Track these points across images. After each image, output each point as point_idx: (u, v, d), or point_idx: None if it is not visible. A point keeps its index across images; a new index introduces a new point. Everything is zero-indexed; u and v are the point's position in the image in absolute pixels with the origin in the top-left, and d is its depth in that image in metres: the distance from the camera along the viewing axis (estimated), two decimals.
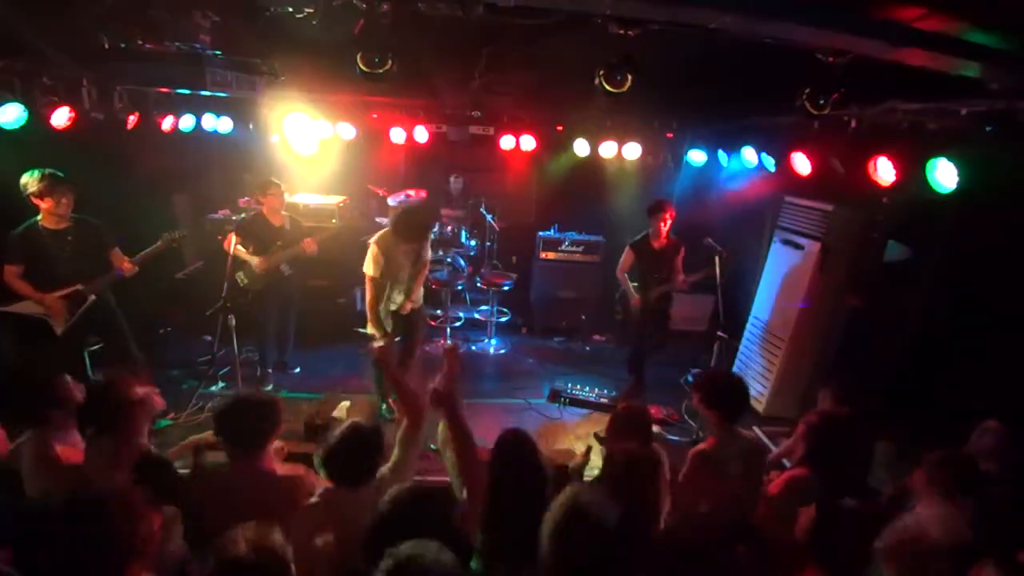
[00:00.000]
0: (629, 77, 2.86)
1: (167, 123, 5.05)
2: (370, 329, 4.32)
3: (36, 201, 3.71)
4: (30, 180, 3.66)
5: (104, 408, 2.41)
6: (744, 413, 2.85)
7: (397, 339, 4.50)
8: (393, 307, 4.40)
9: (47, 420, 2.42)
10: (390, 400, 4.75)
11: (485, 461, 2.13)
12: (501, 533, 1.94)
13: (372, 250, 4.23)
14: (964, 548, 1.97)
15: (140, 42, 3.12)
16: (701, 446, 2.82)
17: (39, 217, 3.77)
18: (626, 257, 5.01)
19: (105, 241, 4.03)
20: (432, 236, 4.67)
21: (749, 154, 5.01)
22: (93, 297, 3.96)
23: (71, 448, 2.43)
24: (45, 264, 3.77)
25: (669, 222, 4.81)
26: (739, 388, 2.81)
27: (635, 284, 5.01)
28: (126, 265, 4.04)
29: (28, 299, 3.75)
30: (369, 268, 4.23)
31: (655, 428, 3.69)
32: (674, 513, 2.58)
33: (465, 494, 2.27)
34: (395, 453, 2.41)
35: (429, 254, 4.61)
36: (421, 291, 4.62)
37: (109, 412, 2.40)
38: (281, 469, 2.41)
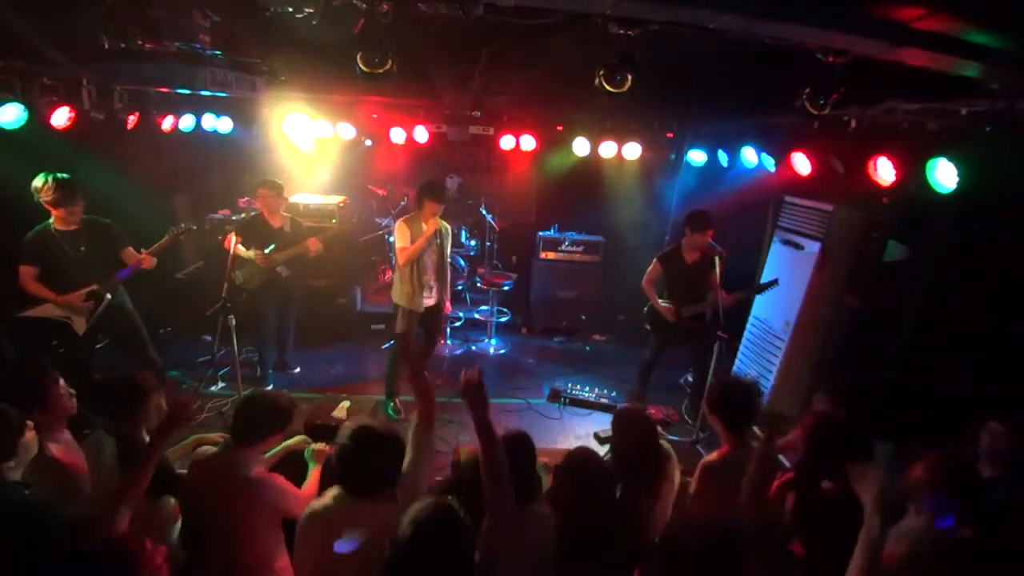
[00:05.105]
0: (629, 77, 2.86)
1: (167, 123, 5.06)
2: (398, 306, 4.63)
3: (48, 208, 3.71)
4: (43, 187, 3.65)
5: (117, 404, 2.44)
6: (752, 421, 2.79)
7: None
8: (428, 301, 4.63)
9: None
10: (397, 400, 4.76)
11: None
12: None
13: (399, 223, 4.51)
14: (965, 550, 1.97)
15: (140, 42, 3.11)
16: (710, 457, 2.75)
17: (51, 220, 3.78)
18: (652, 269, 4.72)
19: (117, 240, 4.03)
20: (449, 231, 4.82)
21: (749, 154, 5.02)
22: (109, 296, 3.97)
23: (61, 447, 2.39)
24: (58, 266, 3.78)
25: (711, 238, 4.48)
26: (752, 398, 2.73)
27: (664, 300, 4.71)
28: (144, 258, 4.05)
29: (47, 302, 3.75)
30: (398, 241, 4.47)
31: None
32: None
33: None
34: (409, 454, 2.27)
35: (449, 249, 4.81)
36: (449, 290, 4.89)
37: (122, 408, 2.44)
38: (259, 469, 2.38)
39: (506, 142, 6.07)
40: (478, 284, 6.72)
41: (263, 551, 2.32)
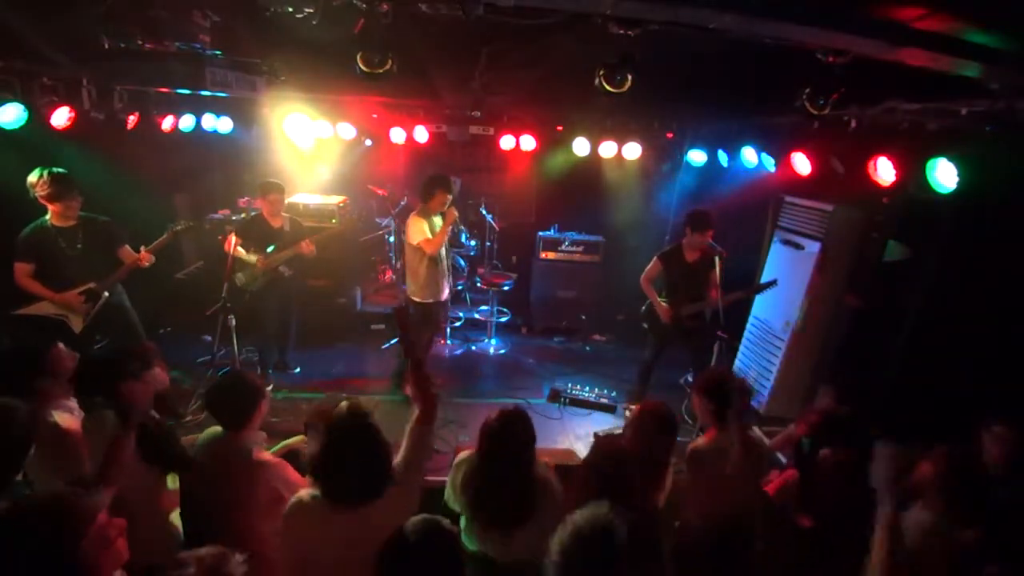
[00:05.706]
0: (629, 77, 2.87)
1: (167, 123, 5.06)
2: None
3: (45, 203, 3.71)
4: (38, 182, 3.64)
5: (106, 377, 2.42)
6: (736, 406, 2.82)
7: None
8: (446, 292, 4.74)
9: (35, 392, 2.33)
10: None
11: None
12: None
13: (412, 220, 4.56)
14: (967, 547, 1.98)
15: (140, 42, 3.11)
16: (698, 443, 2.80)
17: (48, 216, 3.77)
18: (652, 267, 4.68)
19: (115, 238, 4.04)
20: (459, 229, 4.90)
21: (749, 154, 5.02)
22: (107, 294, 3.97)
23: (68, 417, 2.41)
24: (55, 263, 3.76)
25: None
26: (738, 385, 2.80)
27: (664, 299, 4.67)
28: (143, 256, 4.05)
29: (43, 300, 3.75)
30: (416, 236, 4.51)
31: None
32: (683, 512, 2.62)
33: None
34: (403, 451, 2.19)
35: (449, 226, 4.85)
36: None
37: (111, 382, 2.39)
38: (262, 453, 2.47)
39: (506, 142, 6.07)
40: (478, 284, 6.72)
41: (266, 531, 2.36)
